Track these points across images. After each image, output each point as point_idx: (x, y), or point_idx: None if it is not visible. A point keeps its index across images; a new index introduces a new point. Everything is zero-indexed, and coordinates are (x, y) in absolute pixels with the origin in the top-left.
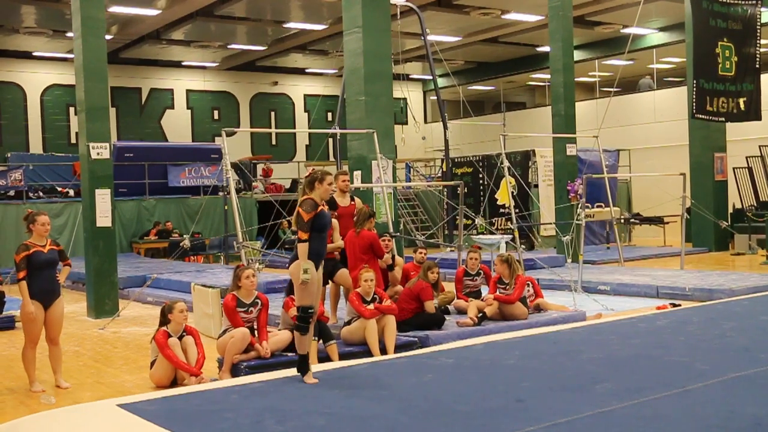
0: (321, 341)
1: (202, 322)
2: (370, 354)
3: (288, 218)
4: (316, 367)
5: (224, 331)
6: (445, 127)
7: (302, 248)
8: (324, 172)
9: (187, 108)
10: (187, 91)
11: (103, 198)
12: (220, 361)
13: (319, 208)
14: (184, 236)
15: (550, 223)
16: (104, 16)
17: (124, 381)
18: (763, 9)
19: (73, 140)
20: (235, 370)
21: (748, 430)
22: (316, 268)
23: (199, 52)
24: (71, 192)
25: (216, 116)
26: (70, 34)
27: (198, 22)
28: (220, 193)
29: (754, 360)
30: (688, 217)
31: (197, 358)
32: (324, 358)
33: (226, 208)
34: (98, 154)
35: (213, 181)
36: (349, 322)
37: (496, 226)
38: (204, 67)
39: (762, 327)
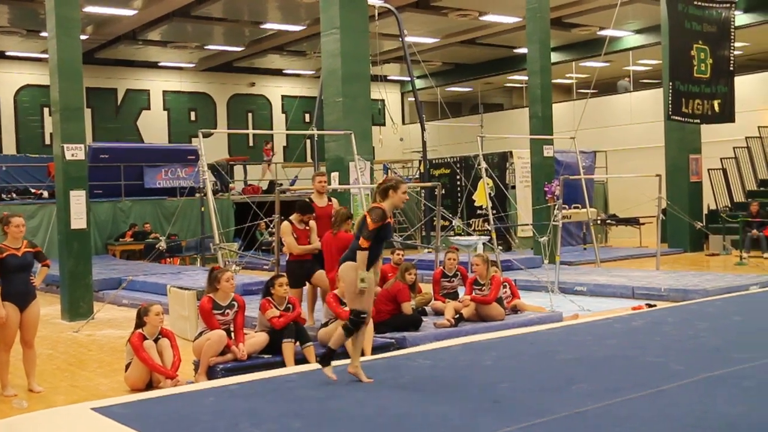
0: (298, 343)
1: (178, 325)
2: (347, 356)
3: (265, 219)
4: (293, 368)
5: (200, 334)
6: (423, 129)
7: (362, 256)
8: (399, 180)
9: (164, 109)
10: (164, 92)
11: (77, 200)
12: (196, 364)
13: (387, 219)
14: (161, 238)
15: (527, 224)
16: (79, 15)
17: (98, 384)
18: (737, 12)
19: (48, 141)
20: (212, 373)
21: (721, 430)
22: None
23: (176, 53)
24: (45, 193)
25: (193, 117)
26: (44, 34)
27: (174, 23)
28: (197, 195)
29: (727, 360)
30: (664, 218)
31: (173, 361)
32: (301, 359)
33: (202, 209)
34: (73, 155)
35: (190, 183)
36: (326, 324)
37: (473, 228)
38: (181, 68)
39: (735, 327)
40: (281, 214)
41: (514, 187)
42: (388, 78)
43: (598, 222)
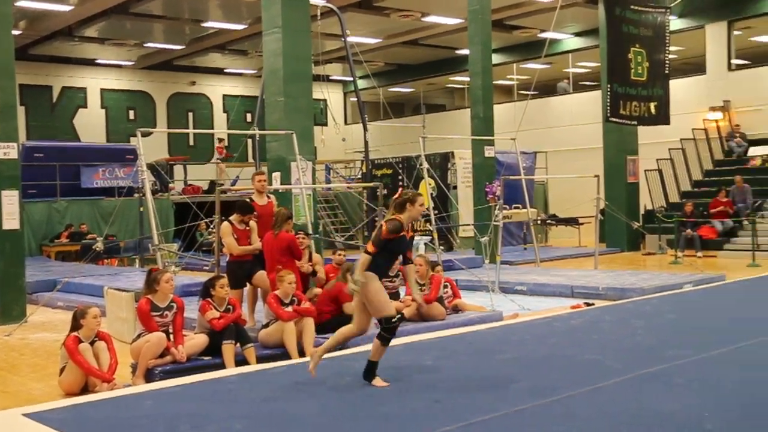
0: (238, 344)
1: (116, 327)
2: (288, 357)
3: (206, 220)
4: (233, 370)
5: (138, 336)
6: (365, 129)
7: (364, 259)
8: (415, 193)
9: (102, 107)
10: (102, 90)
11: (10, 199)
12: (133, 367)
13: (402, 233)
14: (98, 239)
15: (469, 225)
16: (11, 10)
17: (31, 389)
18: (671, 17)
19: None
20: (150, 376)
21: (655, 426)
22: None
23: (114, 50)
24: None
25: (131, 116)
26: None
27: (113, 20)
28: (136, 195)
29: (661, 358)
30: (602, 218)
31: (109, 364)
32: (241, 361)
33: (141, 210)
34: (5, 154)
35: (128, 183)
36: (266, 325)
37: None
38: (119, 66)
39: (669, 325)
40: (222, 214)
41: (455, 188)
42: (331, 78)
43: (539, 222)
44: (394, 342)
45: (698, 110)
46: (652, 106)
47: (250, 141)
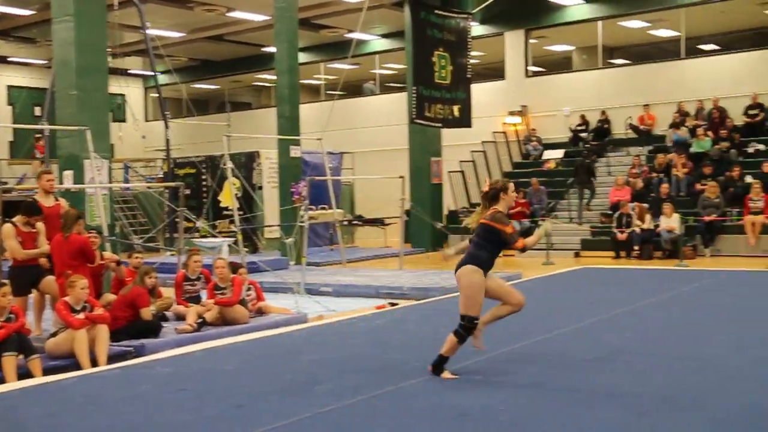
0: (21, 356)
1: None
2: (79, 367)
3: None
4: (14, 384)
5: None
6: (167, 126)
7: (532, 241)
8: (505, 180)
9: None
10: None
11: None
12: None
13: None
14: None
15: (274, 226)
16: None
17: None
18: (473, 23)
19: None
20: None
21: (452, 420)
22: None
23: None
24: None
25: None
26: None
27: None
28: None
29: (462, 355)
30: (407, 218)
31: None
32: (25, 374)
33: None
34: None
35: None
36: (55, 334)
37: (218, 229)
38: None
39: None
40: (4, 215)
41: (261, 188)
42: (130, 72)
43: (345, 223)
44: (195, 347)
45: (498, 114)
46: (455, 108)
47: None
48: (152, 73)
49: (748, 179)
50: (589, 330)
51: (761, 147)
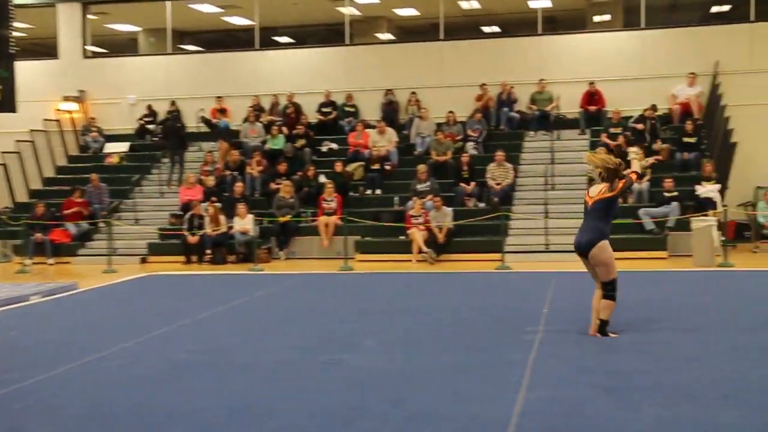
0: None
1: None
2: None
3: None
4: None
5: None
6: None
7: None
8: (613, 159)
9: None
10: None
11: None
12: None
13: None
14: None
15: None
16: None
17: None
18: None
19: None
20: None
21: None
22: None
23: None
24: None
25: None
26: None
27: None
28: None
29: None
30: None
31: None
32: None
33: None
34: None
35: None
36: None
37: None
38: None
39: (10, 344)
40: None
41: None
42: None
43: None
44: None
45: (51, 99)
46: None
47: None
48: None
49: (322, 179)
50: (152, 344)
51: (334, 146)
